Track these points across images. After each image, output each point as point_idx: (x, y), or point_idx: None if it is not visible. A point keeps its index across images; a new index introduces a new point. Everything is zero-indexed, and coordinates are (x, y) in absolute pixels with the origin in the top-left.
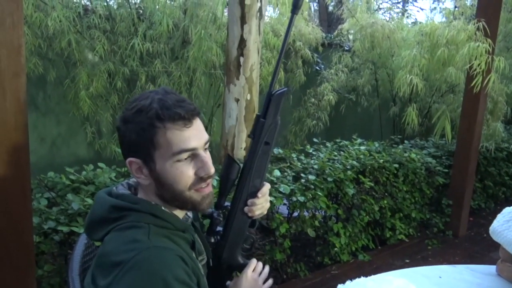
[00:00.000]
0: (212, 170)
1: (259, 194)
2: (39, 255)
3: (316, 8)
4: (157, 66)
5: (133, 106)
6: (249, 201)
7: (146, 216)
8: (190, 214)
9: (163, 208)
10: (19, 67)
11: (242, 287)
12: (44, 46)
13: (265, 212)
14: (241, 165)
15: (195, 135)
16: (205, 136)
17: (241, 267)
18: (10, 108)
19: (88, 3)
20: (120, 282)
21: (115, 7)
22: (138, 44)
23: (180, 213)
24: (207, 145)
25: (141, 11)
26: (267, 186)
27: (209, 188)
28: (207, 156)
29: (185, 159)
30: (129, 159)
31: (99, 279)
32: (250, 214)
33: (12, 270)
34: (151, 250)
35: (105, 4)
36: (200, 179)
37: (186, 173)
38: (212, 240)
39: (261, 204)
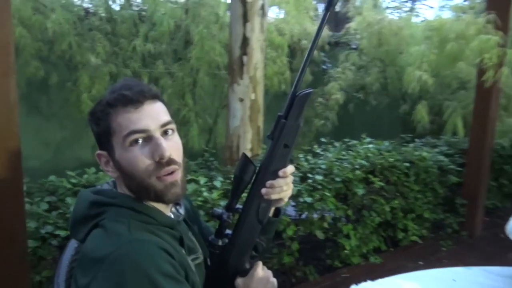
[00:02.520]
0: (167, 153)
1: (281, 173)
2: (37, 260)
3: (323, 8)
4: (160, 67)
5: None
6: (268, 183)
7: (125, 211)
8: (182, 211)
9: (145, 202)
10: (8, 67)
11: (253, 285)
12: (45, 49)
13: (286, 200)
14: (257, 166)
15: (146, 116)
16: (163, 119)
17: (247, 273)
18: (0, 109)
19: (90, 5)
20: (100, 280)
21: (117, 8)
22: (140, 46)
23: (165, 209)
24: (167, 127)
25: (143, 12)
26: (291, 168)
27: (173, 177)
28: (161, 138)
29: (139, 142)
30: (97, 152)
31: (79, 277)
32: (266, 197)
33: (5, 275)
34: (132, 244)
35: (106, 6)
36: (158, 164)
37: (140, 157)
38: (220, 243)
39: (280, 187)
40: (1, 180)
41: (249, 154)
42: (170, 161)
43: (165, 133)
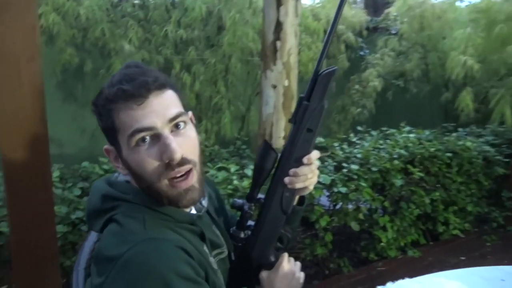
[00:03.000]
0: (177, 154)
1: (305, 160)
2: (68, 245)
3: None
4: (192, 54)
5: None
6: (292, 171)
7: (139, 208)
8: (205, 202)
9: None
10: (34, 50)
11: (277, 279)
12: (79, 36)
13: (311, 188)
14: (279, 153)
15: (151, 112)
16: (171, 112)
17: (272, 266)
18: (27, 94)
19: None
20: (113, 282)
21: None
22: (172, 32)
23: None
24: (177, 121)
25: None
26: (315, 153)
27: (187, 182)
28: (169, 137)
29: (146, 141)
30: (104, 147)
31: (94, 276)
32: (290, 186)
33: (34, 259)
34: (146, 243)
35: None
36: (168, 166)
37: (148, 159)
38: (242, 236)
39: (305, 175)
40: (29, 165)
41: (282, 142)
42: (183, 162)
43: (176, 127)
